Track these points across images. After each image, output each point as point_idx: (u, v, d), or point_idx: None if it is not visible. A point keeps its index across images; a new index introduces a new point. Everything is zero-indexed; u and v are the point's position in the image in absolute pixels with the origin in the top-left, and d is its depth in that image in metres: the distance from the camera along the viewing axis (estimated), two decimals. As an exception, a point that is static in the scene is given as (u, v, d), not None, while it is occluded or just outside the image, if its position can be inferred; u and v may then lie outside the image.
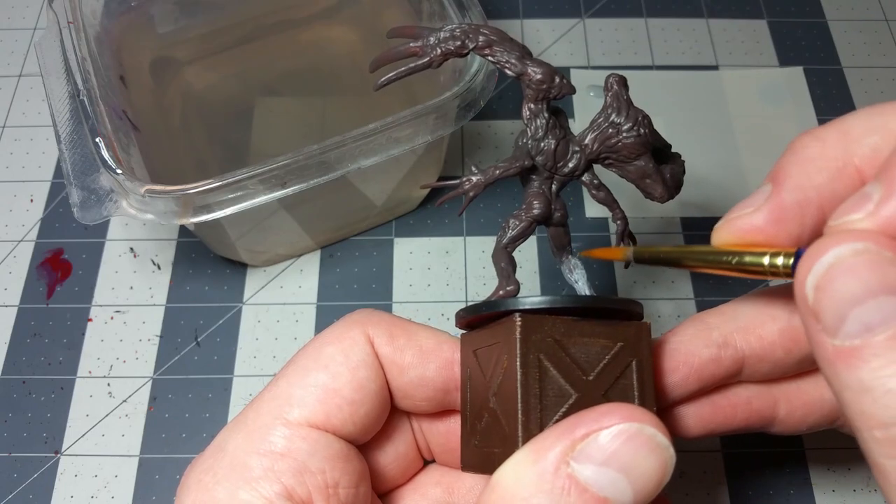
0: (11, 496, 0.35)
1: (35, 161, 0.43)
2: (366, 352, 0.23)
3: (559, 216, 0.25)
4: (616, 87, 0.24)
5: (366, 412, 0.23)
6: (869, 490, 0.35)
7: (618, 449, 0.18)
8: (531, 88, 0.24)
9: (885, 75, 0.46)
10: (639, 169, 0.25)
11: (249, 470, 0.21)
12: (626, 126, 0.24)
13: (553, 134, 0.24)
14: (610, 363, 0.21)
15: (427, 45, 0.25)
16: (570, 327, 0.21)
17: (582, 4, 0.48)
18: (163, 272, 0.40)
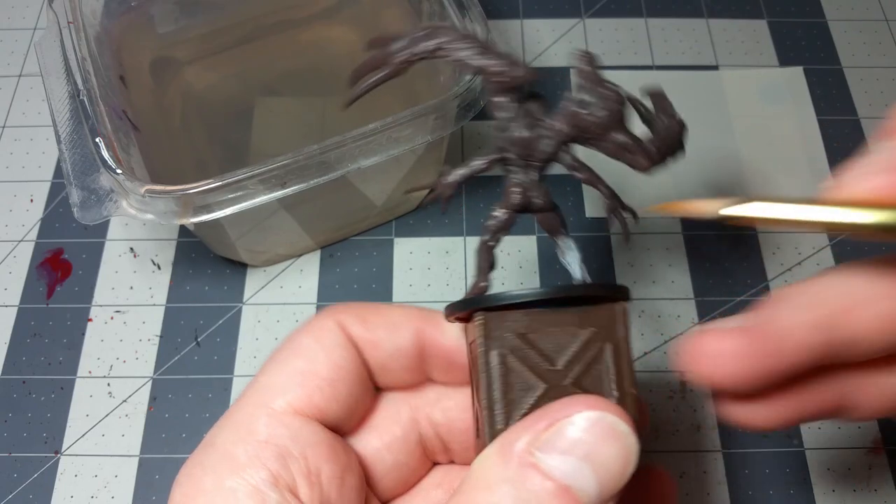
0: (11, 496, 0.35)
1: (35, 161, 0.43)
2: (338, 335, 0.24)
3: (541, 203, 0.24)
4: (581, 66, 0.24)
5: (347, 390, 0.23)
6: (869, 490, 0.35)
7: (580, 437, 0.19)
8: (490, 82, 0.24)
9: (885, 75, 0.46)
10: (616, 144, 0.24)
11: (235, 459, 0.22)
12: (593, 104, 0.23)
13: (521, 123, 0.24)
14: (581, 350, 0.21)
15: (388, 53, 0.25)
16: (534, 319, 0.21)
17: (582, 4, 0.48)
18: (163, 272, 0.40)
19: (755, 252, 0.40)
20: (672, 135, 0.25)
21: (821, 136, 0.44)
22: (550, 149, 0.24)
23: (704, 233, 0.41)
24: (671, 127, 0.25)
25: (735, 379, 0.20)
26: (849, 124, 0.44)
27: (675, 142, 0.25)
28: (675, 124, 0.25)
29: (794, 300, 0.21)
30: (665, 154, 0.25)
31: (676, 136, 0.25)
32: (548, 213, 0.24)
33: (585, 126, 0.23)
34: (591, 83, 0.23)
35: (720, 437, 0.36)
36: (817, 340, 0.20)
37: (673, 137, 0.25)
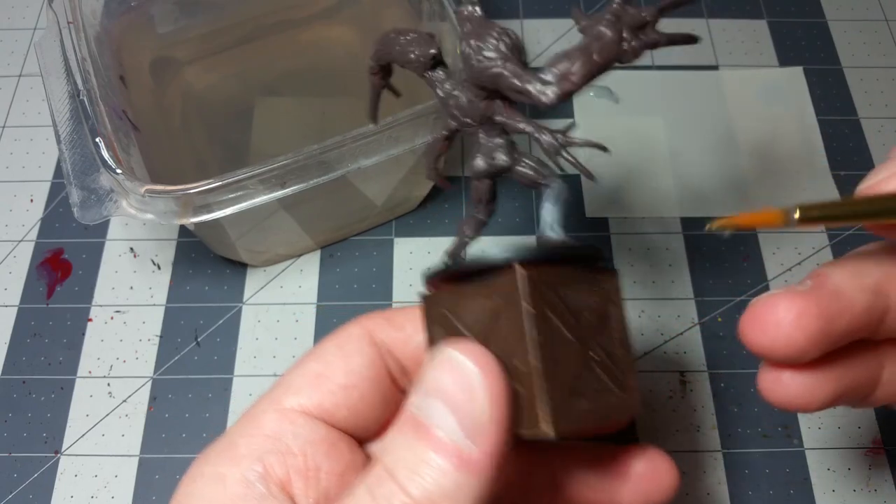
0: (11, 496, 0.35)
1: (35, 161, 0.43)
2: (360, 343, 0.25)
3: (504, 162, 0.23)
4: (458, 20, 0.23)
5: (359, 396, 0.24)
6: (869, 490, 0.35)
7: (432, 375, 0.20)
8: (412, 67, 0.24)
9: (885, 75, 0.46)
10: (507, 88, 0.22)
11: (236, 449, 0.23)
12: (466, 59, 0.22)
13: (446, 95, 0.24)
14: (595, 309, 0.22)
15: (369, 67, 0.26)
16: (559, 275, 0.21)
17: (582, 4, 0.48)
18: (163, 272, 0.40)
19: (755, 252, 0.40)
20: (597, 48, 0.21)
21: (821, 136, 0.44)
22: (479, 108, 0.23)
23: (705, 233, 0.41)
24: (598, 35, 0.21)
25: (803, 344, 0.20)
26: (849, 124, 0.44)
27: (603, 57, 0.21)
28: (606, 29, 0.21)
29: (850, 266, 0.21)
30: (588, 73, 0.21)
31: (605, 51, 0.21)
32: (517, 170, 0.24)
33: (479, 79, 0.22)
34: (474, 29, 0.22)
35: (720, 438, 0.36)
36: (875, 305, 0.21)
37: (594, 51, 0.21)
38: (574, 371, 0.21)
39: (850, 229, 0.41)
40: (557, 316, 0.21)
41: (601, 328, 0.22)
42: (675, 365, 0.38)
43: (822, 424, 0.36)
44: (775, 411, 0.36)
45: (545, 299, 0.20)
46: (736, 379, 0.37)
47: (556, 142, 0.22)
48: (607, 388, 0.21)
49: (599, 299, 0.22)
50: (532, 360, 0.20)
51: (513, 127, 0.23)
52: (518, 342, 0.20)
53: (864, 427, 0.36)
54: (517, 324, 0.20)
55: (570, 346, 0.21)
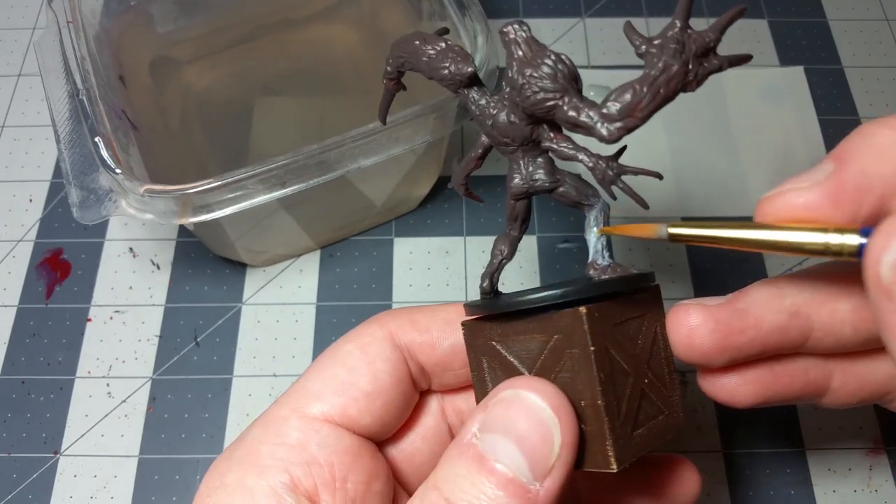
0: (11, 496, 0.35)
1: (34, 161, 0.43)
2: (383, 346, 0.24)
3: (544, 183, 0.23)
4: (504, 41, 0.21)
5: (382, 403, 0.24)
6: (869, 490, 0.35)
7: (500, 414, 0.20)
8: (445, 83, 0.23)
9: (886, 75, 0.46)
10: (564, 121, 0.21)
11: (260, 458, 0.22)
12: (518, 88, 0.21)
13: (490, 111, 0.22)
14: (645, 334, 0.22)
15: (386, 73, 0.25)
16: (615, 309, 0.21)
17: (582, 4, 0.48)
18: (162, 272, 0.40)
19: (755, 252, 0.40)
20: (659, 82, 0.20)
21: (821, 136, 0.44)
22: (524, 132, 0.22)
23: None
24: (663, 67, 0.20)
25: (707, 350, 0.22)
26: (849, 124, 0.44)
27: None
28: (668, 60, 0.20)
29: (772, 288, 0.23)
30: (624, 117, 0.20)
31: (666, 84, 0.20)
32: (559, 190, 0.23)
33: (529, 109, 0.21)
34: (509, 62, 0.21)
35: (721, 438, 0.36)
36: (791, 325, 0.22)
37: (661, 85, 0.20)
38: (631, 402, 0.21)
39: (851, 229, 0.41)
40: (616, 350, 0.21)
41: (651, 350, 0.22)
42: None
43: (822, 425, 0.36)
44: (776, 412, 0.36)
45: (605, 336, 0.21)
46: (736, 379, 0.37)
47: (611, 172, 0.21)
48: (659, 410, 0.22)
49: (648, 321, 0.22)
50: (598, 401, 0.20)
51: (562, 154, 0.22)
52: (581, 381, 0.20)
53: (865, 427, 0.36)
54: (581, 363, 0.20)
55: (627, 377, 0.21)
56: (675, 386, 0.23)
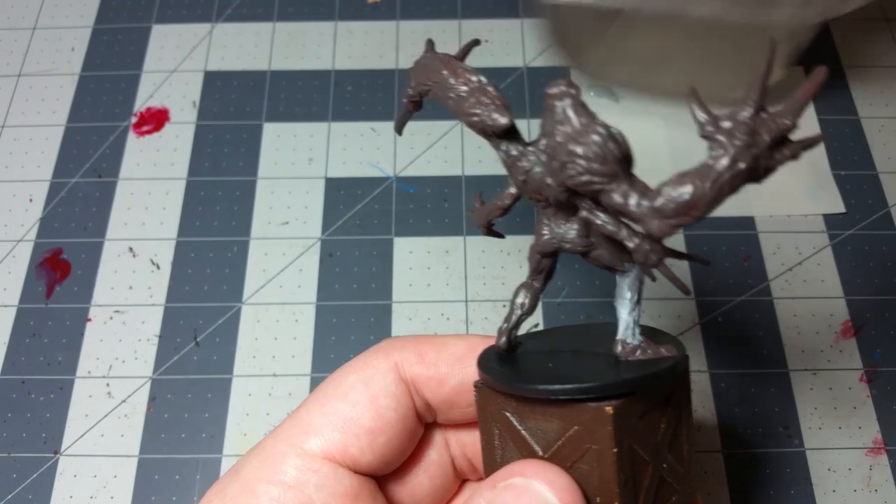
0: (11, 496, 0.35)
1: (34, 161, 0.43)
2: (388, 380, 0.23)
3: (573, 245, 0.21)
4: (547, 102, 0.18)
5: (385, 441, 0.23)
6: (869, 490, 0.35)
7: (509, 501, 0.19)
8: (473, 129, 0.21)
9: (886, 75, 0.46)
10: (609, 205, 0.18)
11: (256, 498, 0.21)
12: (560, 164, 0.18)
13: (514, 169, 0.20)
14: (670, 417, 0.21)
15: (407, 94, 0.23)
16: (641, 402, 0.20)
17: (582, 4, 0.48)
18: (162, 272, 0.40)
19: (756, 252, 0.40)
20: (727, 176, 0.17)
21: (821, 135, 0.44)
22: (559, 196, 0.19)
23: (705, 233, 0.41)
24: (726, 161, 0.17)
25: None
26: (849, 124, 0.44)
27: (734, 187, 0.17)
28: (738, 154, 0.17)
29: None
30: (708, 207, 0.17)
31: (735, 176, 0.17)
32: (592, 254, 0.21)
33: (572, 187, 0.18)
34: (547, 130, 0.18)
35: (721, 438, 0.36)
36: None
37: (725, 183, 0.17)
38: (648, 493, 0.20)
39: (852, 229, 0.41)
40: (639, 444, 0.19)
41: (676, 434, 0.21)
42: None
43: (822, 425, 0.36)
44: (776, 412, 0.36)
45: (629, 432, 0.19)
46: (736, 379, 0.37)
47: (654, 256, 0.19)
48: (673, 491, 0.21)
49: (674, 402, 0.21)
50: (613, 501, 0.19)
51: (601, 229, 0.19)
52: (600, 479, 0.19)
53: (865, 427, 0.36)
54: (601, 461, 0.19)
55: (646, 467, 0.20)
56: (692, 462, 0.21)
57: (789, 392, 0.37)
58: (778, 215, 0.41)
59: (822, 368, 0.37)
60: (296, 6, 0.48)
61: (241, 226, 0.41)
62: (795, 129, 0.17)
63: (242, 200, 0.42)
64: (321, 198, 0.42)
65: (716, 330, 0.38)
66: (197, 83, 0.45)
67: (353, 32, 0.47)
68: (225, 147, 0.43)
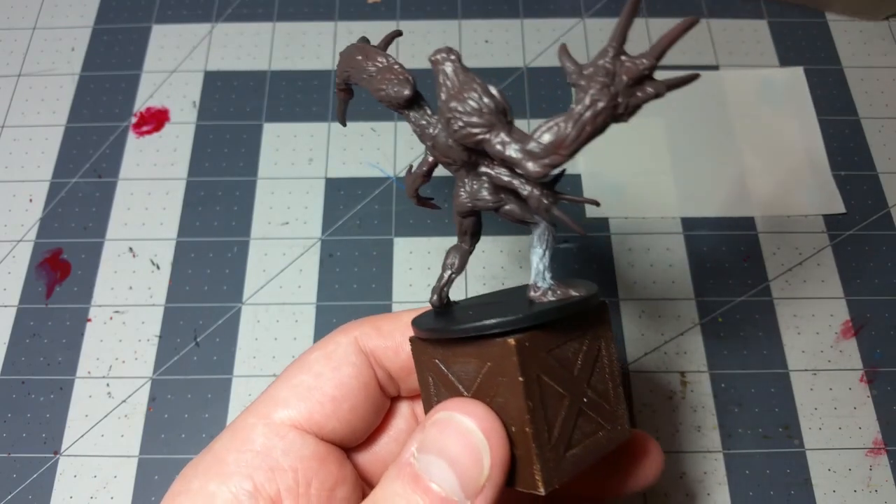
0: (11, 496, 0.35)
1: (34, 161, 0.43)
2: (348, 352, 0.25)
3: (487, 202, 0.22)
4: (434, 69, 0.20)
5: (350, 407, 0.24)
6: (869, 491, 0.35)
7: (435, 436, 0.21)
8: (384, 104, 0.23)
9: (885, 75, 0.46)
10: (492, 154, 0.20)
11: (225, 465, 0.23)
12: (445, 121, 0.20)
13: (423, 137, 0.22)
14: (586, 353, 0.22)
15: (336, 83, 0.26)
16: (550, 334, 0.21)
17: (582, 4, 0.48)
18: (162, 272, 0.40)
19: (756, 252, 0.40)
20: (588, 119, 0.19)
21: (821, 136, 0.44)
22: (462, 155, 0.21)
23: (705, 233, 0.41)
24: (590, 104, 0.19)
25: None
26: (849, 124, 0.44)
27: (596, 125, 0.19)
28: (598, 97, 0.19)
29: None
30: (552, 153, 0.19)
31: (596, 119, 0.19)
32: (503, 209, 0.22)
33: (460, 142, 0.20)
34: (454, 86, 0.20)
35: (721, 438, 0.36)
36: None
37: (587, 122, 0.19)
38: (566, 424, 0.21)
39: (852, 229, 0.41)
40: (551, 376, 0.21)
41: (593, 368, 0.22)
42: (675, 365, 0.37)
43: (822, 425, 0.36)
44: (776, 412, 0.36)
45: (538, 363, 0.21)
46: (736, 379, 0.37)
47: (545, 200, 0.20)
48: (599, 426, 0.22)
49: (591, 339, 0.22)
50: (526, 428, 0.20)
51: (498, 181, 0.21)
52: (511, 408, 0.21)
53: (865, 427, 0.36)
54: (510, 392, 0.20)
55: (562, 400, 0.21)
56: (619, 400, 0.23)
57: (789, 392, 0.37)
58: (778, 215, 0.41)
59: (822, 368, 0.37)
60: (296, 6, 0.48)
61: (241, 226, 0.41)
62: (654, 69, 0.19)
63: (242, 200, 0.42)
64: (321, 198, 0.42)
65: (716, 330, 0.38)
66: (197, 83, 0.45)
67: (353, 32, 0.47)
68: (225, 147, 0.43)
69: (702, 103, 0.45)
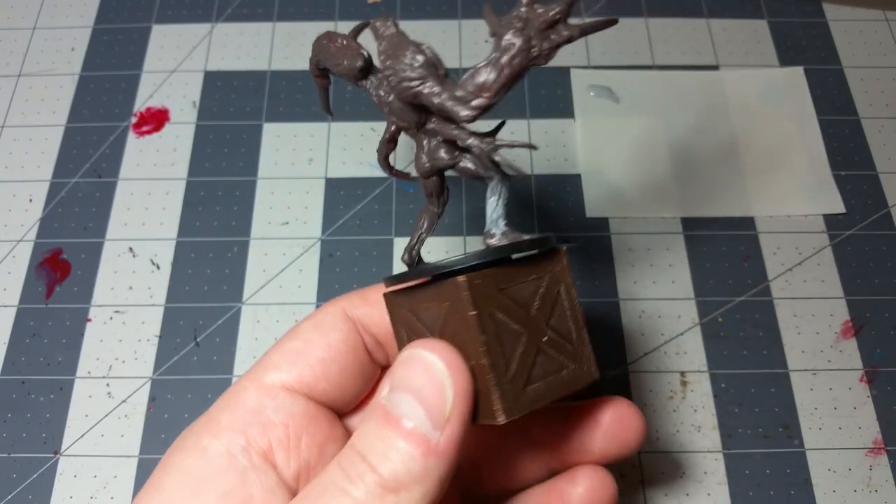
0: (11, 496, 0.35)
1: (34, 161, 0.43)
2: (336, 319, 0.26)
3: (444, 162, 0.24)
4: (374, 36, 0.23)
5: (339, 370, 0.26)
6: (869, 490, 0.35)
7: (402, 373, 0.22)
8: (345, 79, 0.25)
9: (885, 75, 0.46)
10: (429, 106, 0.22)
11: (219, 424, 0.24)
12: (385, 79, 0.23)
13: (381, 105, 0.25)
14: (544, 295, 0.23)
15: (311, 70, 0.28)
16: (503, 274, 0.23)
17: (581, 4, 0.48)
18: (162, 272, 0.40)
19: (756, 252, 0.40)
20: (510, 61, 0.21)
21: (821, 136, 0.44)
22: (412, 116, 0.24)
23: (705, 233, 0.41)
24: (507, 49, 0.21)
25: None
26: (849, 124, 0.44)
27: (513, 67, 0.21)
28: (516, 41, 0.21)
29: None
30: (501, 86, 0.21)
31: (516, 61, 0.21)
32: (459, 166, 0.24)
33: (400, 97, 0.23)
34: (389, 47, 0.23)
35: (721, 438, 0.36)
36: None
37: (504, 65, 0.21)
38: (524, 360, 0.23)
39: (852, 229, 0.41)
40: (505, 313, 0.22)
41: (552, 310, 0.24)
42: (675, 365, 0.37)
43: (822, 425, 0.36)
44: (776, 412, 0.36)
45: (491, 300, 0.22)
46: (737, 379, 0.37)
47: (484, 147, 0.22)
48: (561, 366, 0.24)
49: (549, 281, 0.24)
50: (482, 360, 0.22)
51: (444, 134, 0.23)
52: (468, 343, 0.22)
53: (865, 427, 0.36)
54: (465, 327, 0.22)
55: (518, 337, 0.23)
56: (584, 343, 0.24)
57: (789, 392, 0.37)
58: (778, 215, 0.41)
59: (822, 368, 0.37)
60: (296, 6, 0.48)
61: (241, 226, 0.41)
62: (567, 14, 0.22)
63: (242, 200, 0.42)
64: (321, 198, 0.42)
65: (716, 330, 0.38)
66: (197, 83, 0.45)
67: (353, 32, 0.47)
68: (225, 147, 0.43)
69: (702, 103, 0.45)
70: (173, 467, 0.23)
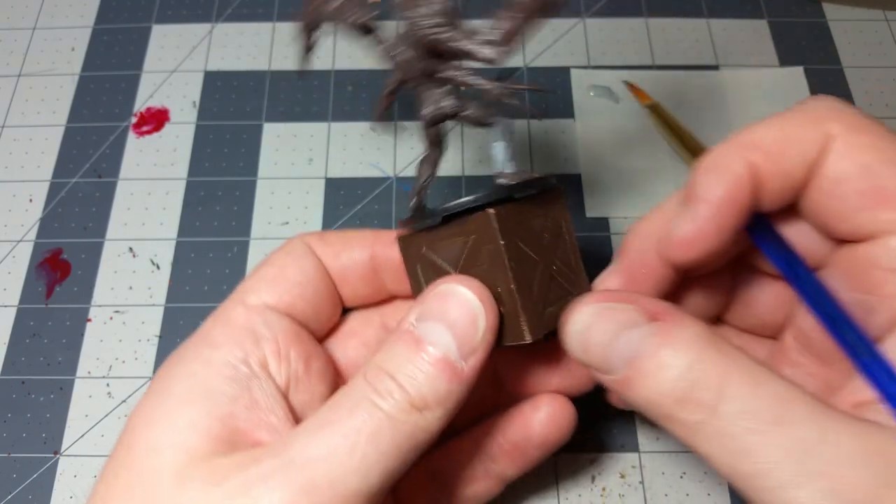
0: (10, 497, 0.35)
1: (34, 161, 0.43)
2: (304, 248, 0.28)
3: (451, 109, 0.26)
4: None
5: (314, 291, 0.28)
6: (869, 490, 0.35)
7: (436, 305, 0.24)
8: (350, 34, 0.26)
9: (886, 75, 0.46)
10: (456, 50, 0.24)
11: (213, 339, 0.25)
12: (413, 25, 0.24)
13: (384, 56, 0.26)
14: (551, 229, 0.26)
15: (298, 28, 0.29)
16: (520, 210, 0.25)
17: (582, 4, 0.48)
18: (162, 272, 0.40)
19: (755, 252, 0.40)
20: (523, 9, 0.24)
21: (821, 136, 0.44)
22: (421, 67, 0.25)
23: (705, 233, 0.40)
24: None
25: None
26: (849, 124, 0.44)
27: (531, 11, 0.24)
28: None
29: (639, 233, 0.27)
30: (516, 29, 0.24)
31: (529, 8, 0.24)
32: (464, 113, 0.26)
33: (417, 46, 0.24)
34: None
35: (721, 438, 0.36)
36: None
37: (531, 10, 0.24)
38: (542, 285, 0.25)
39: (851, 229, 0.41)
40: (524, 243, 0.25)
41: (557, 242, 0.26)
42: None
43: (822, 425, 0.36)
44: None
45: (514, 232, 0.24)
46: (736, 379, 0.37)
47: (503, 89, 0.24)
48: (567, 291, 0.26)
49: (553, 218, 0.26)
50: (511, 285, 0.24)
51: (457, 81, 0.25)
52: (497, 271, 0.24)
53: (865, 427, 0.36)
54: (495, 256, 0.24)
55: (536, 265, 0.25)
56: (580, 270, 0.27)
57: (789, 392, 0.37)
58: (778, 215, 0.41)
59: (822, 368, 0.37)
60: (296, 6, 0.48)
61: (241, 226, 0.41)
62: None
63: (242, 200, 0.42)
64: (321, 198, 0.42)
65: (716, 330, 0.38)
66: (197, 83, 0.45)
67: (353, 32, 0.47)
68: (225, 147, 0.43)
69: (702, 103, 0.45)
70: (179, 375, 0.24)
